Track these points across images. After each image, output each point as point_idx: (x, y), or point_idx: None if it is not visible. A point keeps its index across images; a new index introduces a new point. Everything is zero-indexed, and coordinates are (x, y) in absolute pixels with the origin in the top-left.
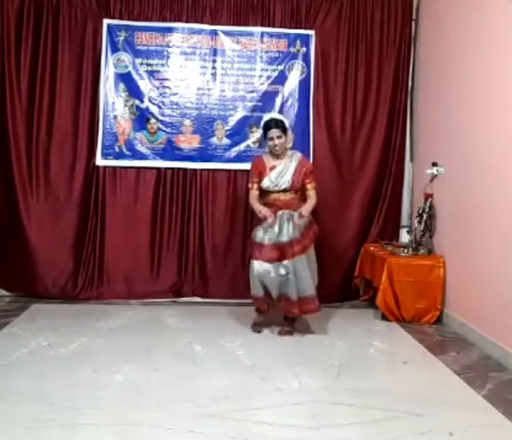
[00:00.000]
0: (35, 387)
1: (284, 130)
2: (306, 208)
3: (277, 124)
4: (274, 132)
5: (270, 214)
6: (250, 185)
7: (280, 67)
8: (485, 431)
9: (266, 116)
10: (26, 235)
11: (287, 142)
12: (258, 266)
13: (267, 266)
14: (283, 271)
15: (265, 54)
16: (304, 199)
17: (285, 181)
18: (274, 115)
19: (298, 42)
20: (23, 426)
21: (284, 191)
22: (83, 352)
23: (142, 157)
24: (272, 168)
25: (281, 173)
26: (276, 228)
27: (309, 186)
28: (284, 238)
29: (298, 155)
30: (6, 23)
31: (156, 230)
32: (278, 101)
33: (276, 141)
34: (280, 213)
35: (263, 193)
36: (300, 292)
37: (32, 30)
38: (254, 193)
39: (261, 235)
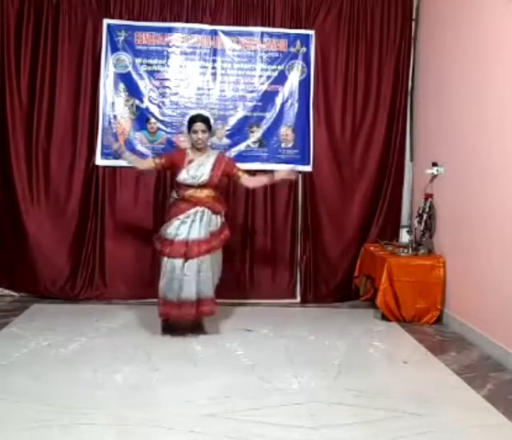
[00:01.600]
0: (35, 387)
1: (209, 127)
2: (278, 172)
3: (203, 119)
4: (199, 125)
5: (181, 196)
6: (154, 156)
7: (280, 67)
8: (485, 431)
9: (193, 112)
10: (26, 234)
11: (208, 139)
12: (169, 263)
13: (176, 262)
14: (187, 270)
15: (265, 54)
16: (219, 199)
17: (203, 175)
18: (202, 111)
19: (298, 42)
20: (23, 426)
21: (201, 187)
22: (82, 352)
23: (142, 157)
24: (190, 162)
25: (198, 167)
26: (187, 226)
27: (240, 172)
28: (194, 236)
29: (217, 152)
30: (6, 23)
31: (156, 230)
32: (278, 101)
33: (200, 135)
34: (194, 210)
35: (180, 188)
36: (199, 293)
37: (32, 30)
38: (148, 160)
39: (171, 231)
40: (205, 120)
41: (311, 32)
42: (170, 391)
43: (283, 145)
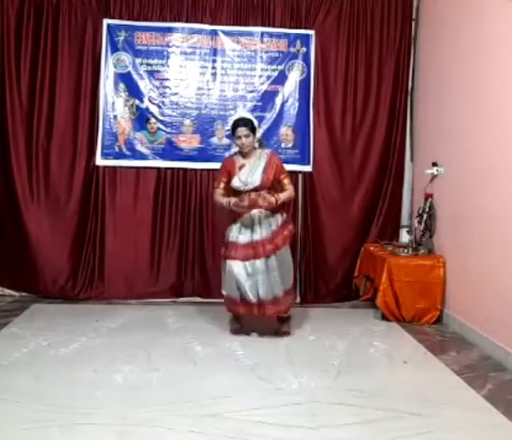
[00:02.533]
0: (35, 387)
1: (253, 129)
2: (283, 195)
3: (245, 123)
4: (242, 130)
5: (240, 200)
6: (215, 184)
7: (280, 67)
8: (485, 431)
9: (235, 116)
10: (26, 234)
11: (255, 141)
12: (234, 266)
13: (242, 265)
14: (254, 271)
15: (265, 54)
16: None
17: (255, 180)
18: (243, 114)
19: (298, 42)
20: (23, 426)
21: (255, 190)
22: (82, 352)
23: (142, 157)
24: (242, 167)
25: (250, 172)
26: (249, 228)
27: (286, 181)
28: (256, 237)
29: (267, 152)
30: (6, 23)
31: (156, 230)
32: (278, 101)
33: (244, 140)
34: (252, 212)
35: (234, 194)
36: (270, 293)
37: (32, 30)
38: (218, 192)
39: (235, 234)
40: (247, 123)
41: (311, 32)
42: (170, 391)
43: (283, 145)
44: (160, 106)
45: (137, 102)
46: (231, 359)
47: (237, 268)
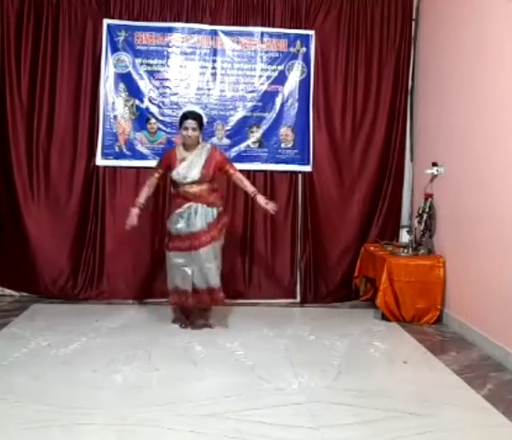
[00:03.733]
0: (35, 387)
1: (200, 125)
2: (252, 188)
3: (194, 116)
4: (190, 123)
5: (130, 221)
6: (152, 171)
7: (280, 67)
8: (485, 431)
9: (185, 109)
10: (26, 234)
11: (200, 137)
12: (173, 257)
13: (180, 256)
14: (189, 262)
15: (265, 54)
16: (213, 190)
17: (195, 174)
18: (194, 108)
19: (298, 42)
20: (23, 426)
21: (195, 183)
22: (83, 352)
23: (142, 157)
24: (182, 160)
25: (190, 166)
26: (185, 220)
27: (231, 170)
28: (192, 229)
29: (208, 147)
30: (6, 23)
31: (156, 230)
32: (278, 101)
33: (190, 132)
34: (187, 204)
35: (175, 185)
36: (208, 283)
37: (32, 31)
38: (152, 179)
39: (173, 225)
40: (196, 118)
41: (311, 32)
42: (170, 391)
43: (282, 145)
44: (160, 106)
45: (137, 102)
46: (231, 359)
47: (175, 258)
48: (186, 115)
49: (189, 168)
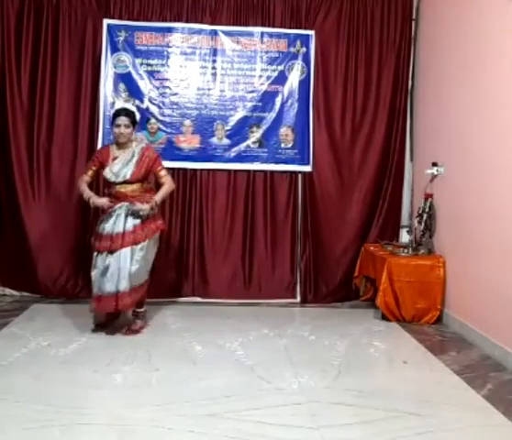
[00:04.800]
0: (35, 387)
1: (133, 122)
2: (159, 195)
3: (127, 113)
4: (123, 120)
5: (104, 202)
6: (85, 169)
7: (280, 67)
8: (485, 431)
9: (118, 105)
10: (27, 234)
11: (133, 134)
12: (98, 257)
13: (103, 256)
14: (106, 263)
15: (265, 54)
16: (146, 191)
17: (126, 173)
18: (127, 105)
19: (298, 42)
20: (23, 426)
21: (127, 183)
22: (83, 352)
23: None
24: (115, 158)
25: (122, 165)
26: (113, 220)
27: (162, 173)
28: (116, 230)
29: (142, 146)
30: (7, 24)
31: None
32: (278, 101)
33: (122, 129)
34: (119, 205)
35: (107, 185)
36: (116, 286)
37: (32, 31)
38: (85, 178)
39: (101, 225)
40: (129, 114)
41: (311, 32)
42: (170, 391)
43: (282, 145)
44: (160, 107)
45: (137, 102)
46: (231, 359)
47: (99, 259)
48: (118, 112)
49: (121, 166)
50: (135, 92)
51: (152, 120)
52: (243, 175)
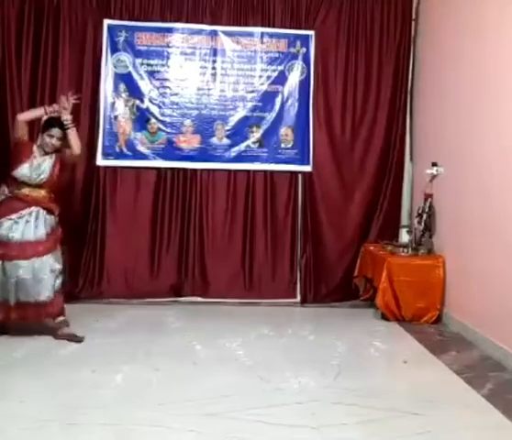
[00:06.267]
0: (35, 387)
1: (65, 136)
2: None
3: (62, 126)
4: (57, 132)
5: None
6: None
7: (280, 67)
8: (485, 431)
9: (53, 115)
10: None
11: (58, 147)
12: (3, 265)
13: (11, 264)
14: (22, 272)
15: (265, 54)
16: (53, 199)
17: (44, 172)
18: (62, 115)
19: (298, 42)
20: (23, 426)
21: (38, 186)
22: (82, 352)
23: (142, 157)
24: (35, 158)
25: (40, 164)
26: (21, 226)
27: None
28: (28, 237)
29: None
30: (7, 24)
31: (156, 230)
32: (278, 101)
33: (54, 141)
34: (28, 210)
35: (15, 184)
36: (40, 295)
37: (33, 31)
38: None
39: (6, 231)
40: (62, 127)
41: (311, 32)
42: (170, 391)
43: (282, 145)
44: (160, 106)
45: (137, 102)
46: (231, 359)
47: (7, 267)
48: (54, 123)
49: (40, 166)
50: (135, 92)
51: (152, 120)
52: (243, 175)
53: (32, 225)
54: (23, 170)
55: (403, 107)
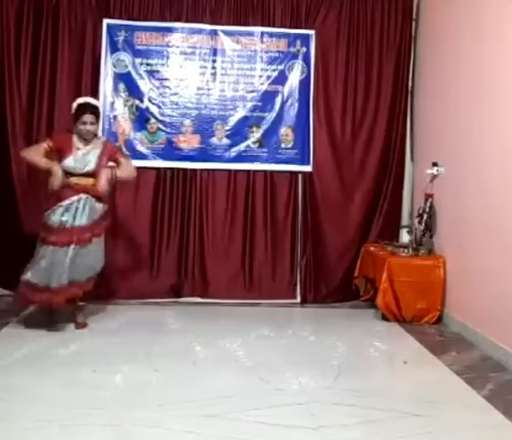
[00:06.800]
0: (35, 387)
1: (98, 117)
2: (122, 171)
3: (92, 110)
4: (89, 117)
5: (58, 180)
6: (41, 142)
7: (280, 67)
8: (485, 431)
9: (81, 100)
10: (26, 235)
11: (97, 129)
12: (51, 251)
13: (60, 250)
14: (68, 258)
15: (265, 54)
16: None
17: (90, 163)
18: (90, 99)
19: (298, 42)
20: (23, 426)
21: (86, 175)
22: (82, 352)
23: (142, 157)
24: (78, 149)
25: (86, 156)
26: (71, 213)
27: (122, 159)
28: (77, 223)
29: (102, 140)
30: (6, 23)
31: (156, 230)
32: (278, 101)
33: (89, 126)
34: (77, 197)
35: (65, 174)
36: (74, 278)
37: (32, 30)
38: (38, 148)
39: (57, 217)
40: (94, 111)
41: (311, 32)
42: (170, 392)
43: (282, 145)
44: (160, 106)
45: (137, 102)
46: (231, 360)
47: (53, 253)
48: (84, 109)
49: (84, 157)
50: (135, 91)
51: (152, 120)
52: (243, 175)
53: (80, 212)
54: (68, 163)
55: (403, 107)
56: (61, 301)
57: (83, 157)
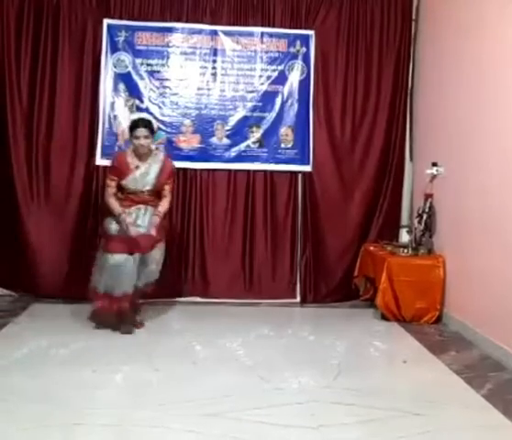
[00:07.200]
0: (35, 387)
1: (152, 131)
2: (163, 207)
3: (145, 124)
4: (142, 131)
5: (128, 222)
6: (108, 181)
7: (280, 67)
8: (485, 430)
9: (134, 116)
10: (26, 235)
11: (151, 143)
12: (115, 259)
13: (123, 258)
14: (132, 264)
15: (265, 54)
16: (160, 197)
17: (149, 182)
18: (143, 115)
19: (298, 42)
20: (23, 426)
21: (146, 192)
22: (82, 352)
23: None
24: (136, 168)
25: (145, 174)
26: (133, 220)
27: (167, 187)
28: (138, 231)
29: (161, 156)
30: (6, 23)
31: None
32: (278, 101)
33: (142, 141)
34: (135, 207)
35: (125, 191)
36: (142, 282)
37: (32, 30)
38: (112, 191)
39: (115, 227)
40: (147, 125)
41: (311, 32)
42: (170, 391)
43: (282, 145)
44: (160, 106)
45: (137, 102)
46: (231, 359)
47: (119, 260)
48: (137, 124)
49: (143, 177)
50: (135, 92)
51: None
52: (243, 175)
53: (140, 220)
54: (127, 183)
55: (403, 107)
56: (128, 306)
57: (141, 176)
